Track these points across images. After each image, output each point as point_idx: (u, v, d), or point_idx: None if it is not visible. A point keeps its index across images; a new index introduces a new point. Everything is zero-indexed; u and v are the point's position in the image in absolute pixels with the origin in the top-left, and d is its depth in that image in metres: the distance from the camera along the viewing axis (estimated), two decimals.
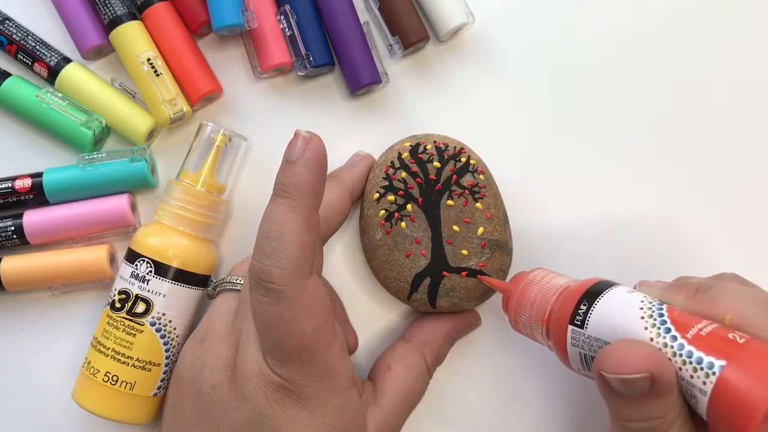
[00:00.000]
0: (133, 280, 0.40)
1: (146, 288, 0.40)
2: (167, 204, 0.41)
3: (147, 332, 0.40)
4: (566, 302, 0.34)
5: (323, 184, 0.35)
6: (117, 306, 0.40)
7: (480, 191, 0.41)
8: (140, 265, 0.40)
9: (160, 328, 0.40)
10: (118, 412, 0.40)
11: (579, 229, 0.45)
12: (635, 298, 0.33)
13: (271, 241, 0.33)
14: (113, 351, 0.40)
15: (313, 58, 0.44)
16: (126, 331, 0.40)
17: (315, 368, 0.34)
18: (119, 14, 0.43)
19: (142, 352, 0.40)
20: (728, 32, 0.47)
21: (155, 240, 0.41)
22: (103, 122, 0.44)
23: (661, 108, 0.46)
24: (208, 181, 0.42)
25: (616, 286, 0.34)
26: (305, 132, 0.34)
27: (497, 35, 0.47)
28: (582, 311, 0.33)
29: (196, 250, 0.41)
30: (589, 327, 0.33)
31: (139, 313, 0.40)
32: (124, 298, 0.40)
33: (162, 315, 0.40)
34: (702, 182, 0.46)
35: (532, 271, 0.38)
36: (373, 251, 0.42)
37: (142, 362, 0.40)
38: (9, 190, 0.44)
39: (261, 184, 0.44)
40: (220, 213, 0.43)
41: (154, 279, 0.40)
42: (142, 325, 0.40)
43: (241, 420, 0.35)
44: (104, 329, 0.40)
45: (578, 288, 0.34)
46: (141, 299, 0.40)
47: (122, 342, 0.40)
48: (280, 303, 0.33)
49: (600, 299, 0.33)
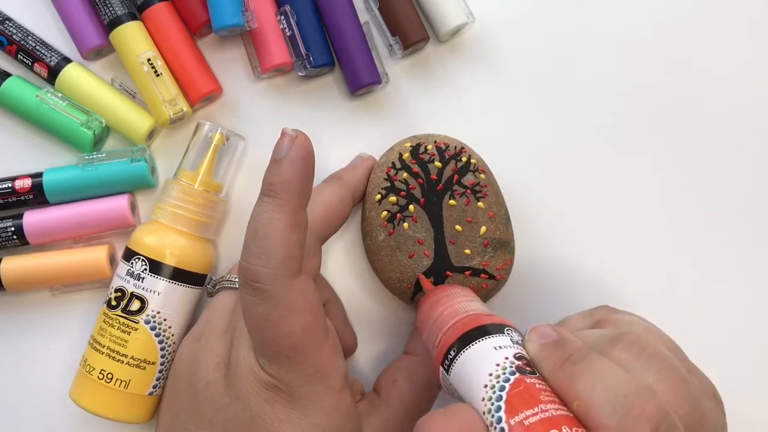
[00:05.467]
0: (128, 277, 0.40)
1: (141, 286, 0.40)
2: (164, 203, 0.41)
3: (141, 330, 0.40)
4: (446, 340, 0.32)
5: (310, 183, 0.34)
6: (113, 304, 0.40)
7: (482, 190, 0.41)
8: (136, 263, 0.40)
9: (155, 327, 0.40)
10: (113, 410, 0.40)
11: (580, 226, 0.45)
12: (495, 357, 0.29)
13: (258, 240, 0.33)
14: (108, 349, 0.40)
15: (313, 58, 0.44)
16: (121, 328, 0.40)
17: (305, 368, 0.34)
18: (119, 14, 0.43)
19: (137, 350, 0.40)
20: (728, 32, 0.47)
21: (152, 239, 0.41)
22: (103, 122, 0.44)
23: (662, 108, 0.47)
24: (205, 180, 0.42)
25: (489, 337, 0.30)
26: (291, 130, 0.34)
27: (497, 35, 0.47)
28: (450, 356, 0.31)
29: (194, 249, 0.41)
30: (452, 375, 0.31)
31: (133, 311, 0.40)
32: (120, 295, 0.40)
33: (157, 313, 0.40)
34: (703, 181, 0.46)
35: (447, 288, 0.37)
36: (376, 252, 0.42)
37: (137, 360, 0.40)
38: (9, 190, 0.43)
39: (259, 184, 0.44)
40: (218, 212, 0.43)
41: (149, 277, 0.40)
42: (136, 323, 0.40)
43: (233, 418, 0.35)
44: (100, 327, 0.41)
45: (460, 327, 0.32)
46: (136, 297, 0.40)
47: (117, 340, 0.40)
48: (268, 302, 0.33)
49: (468, 348, 0.30)
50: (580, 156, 0.46)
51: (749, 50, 0.47)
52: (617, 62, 0.47)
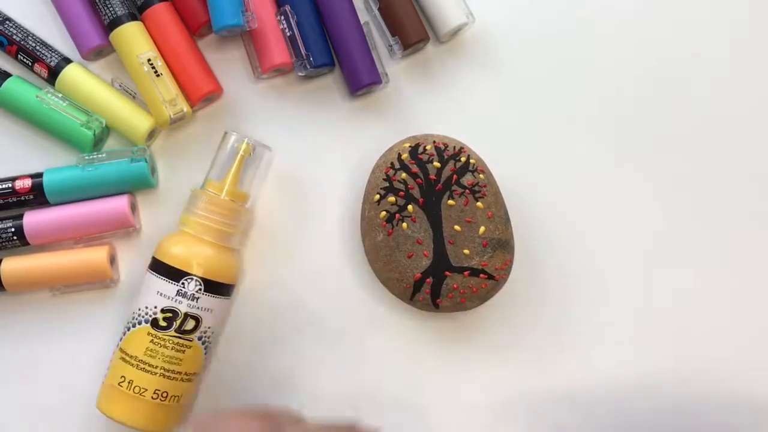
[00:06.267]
0: (180, 298, 0.40)
1: (196, 306, 0.40)
2: (192, 214, 0.41)
3: (195, 347, 0.41)
4: None
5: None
6: (162, 325, 0.40)
7: (480, 190, 0.41)
8: (188, 283, 0.40)
9: (205, 341, 0.41)
10: (163, 424, 0.41)
11: (580, 226, 0.45)
12: None
13: None
14: (162, 369, 0.40)
15: (313, 58, 0.44)
16: (175, 348, 0.40)
17: None
18: (119, 15, 0.43)
19: (190, 366, 0.41)
20: (728, 33, 0.47)
21: (186, 251, 0.41)
22: (103, 122, 0.44)
23: (662, 108, 0.47)
24: (231, 189, 0.42)
25: None
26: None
27: (497, 35, 0.47)
28: None
29: (228, 260, 0.42)
30: None
31: (188, 330, 0.40)
32: (171, 316, 0.40)
33: (208, 328, 0.41)
34: (703, 181, 0.46)
35: None
36: (375, 253, 0.42)
37: (189, 375, 0.41)
38: (9, 191, 0.43)
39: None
40: (243, 222, 0.43)
41: (204, 296, 0.40)
42: (191, 342, 0.40)
43: None
44: (148, 347, 0.40)
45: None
46: (191, 317, 0.40)
47: (172, 360, 0.40)
48: None
49: None
50: (580, 156, 0.46)
51: (750, 51, 0.47)
52: (617, 62, 0.47)
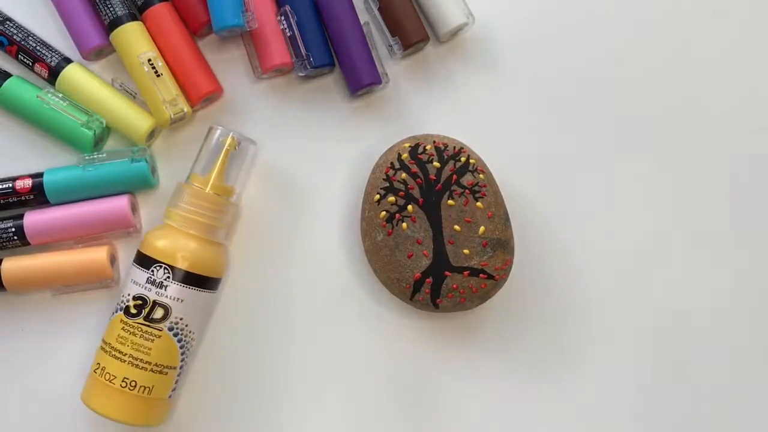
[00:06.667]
0: (149, 285, 0.40)
1: (164, 294, 0.40)
2: (177, 207, 0.41)
3: (165, 337, 0.40)
4: None
5: None
6: (132, 312, 0.40)
7: (480, 190, 0.41)
8: (157, 270, 0.40)
9: (178, 333, 0.41)
10: (134, 416, 0.40)
11: (580, 226, 0.45)
12: None
13: None
14: (131, 357, 0.40)
15: (313, 58, 0.44)
16: (144, 336, 0.40)
17: None
18: (120, 15, 0.43)
19: (160, 357, 0.40)
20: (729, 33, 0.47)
21: (164, 242, 0.41)
22: (103, 122, 0.44)
23: (662, 108, 0.47)
24: (216, 183, 0.42)
25: None
26: None
27: (497, 36, 0.47)
28: None
29: (207, 252, 0.41)
30: None
31: (157, 319, 0.40)
32: (141, 303, 0.40)
33: (179, 320, 0.40)
34: (703, 181, 0.46)
35: None
36: (375, 253, 0.42)
37: (160, 366, 0.40)
38: (9, 191, 0.43)
39: (268, 187, 0.45)
40: (229, 216, 0.43)
41: (173, 285, 0.40)
42: (160, 331, 0.40)
43: None
44: (119, 335, 0.40)
45: None
46: (159, 305, 0.40)
47: (140, 348, 0.40)
48: None
49: None
50: (579, 156, 0.46)
51: (750, 51, 0.47)
52: (617, 62, 0.47)
